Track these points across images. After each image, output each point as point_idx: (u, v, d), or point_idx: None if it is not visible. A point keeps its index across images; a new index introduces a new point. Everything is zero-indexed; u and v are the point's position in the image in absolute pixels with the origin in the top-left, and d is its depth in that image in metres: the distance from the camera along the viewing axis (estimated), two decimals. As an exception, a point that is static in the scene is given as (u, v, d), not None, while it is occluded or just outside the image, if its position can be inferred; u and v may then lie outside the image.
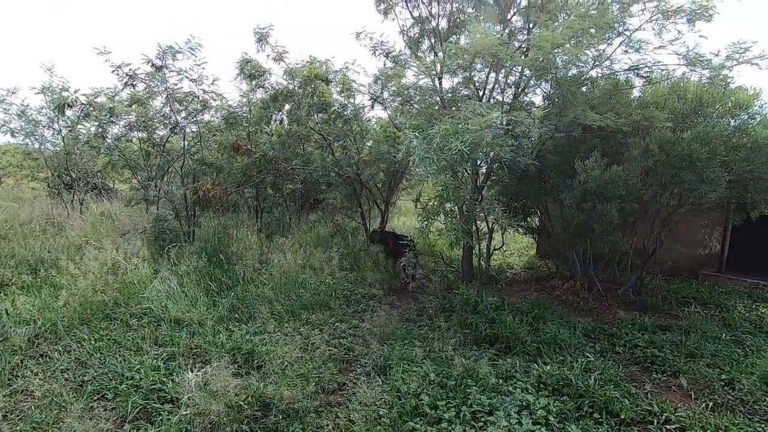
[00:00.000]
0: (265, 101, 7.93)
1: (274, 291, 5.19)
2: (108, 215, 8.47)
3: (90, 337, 3.91)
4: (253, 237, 7.40)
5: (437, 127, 4.14)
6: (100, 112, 7.14)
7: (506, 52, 4.83)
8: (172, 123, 7.08)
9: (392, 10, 6.90)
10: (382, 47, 6.70)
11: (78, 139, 8.42)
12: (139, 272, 4.99)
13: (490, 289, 5.58)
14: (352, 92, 7.67)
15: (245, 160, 7.17)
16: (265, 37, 7.27)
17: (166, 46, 6.04)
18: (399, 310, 5.29)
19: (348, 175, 7.42)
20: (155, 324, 4.24)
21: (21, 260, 5.34)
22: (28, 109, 8.05)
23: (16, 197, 11.14)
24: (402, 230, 9.84)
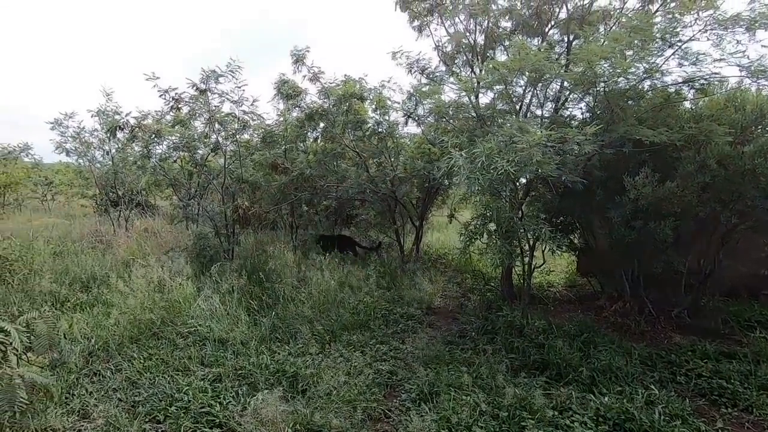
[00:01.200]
0: (301, 120, 8.08)
1: (313, 310, 5.18)
2: (151, 231, 8.79)
3: (139, 355, 3.99)
4: (289, 254, 7.48)
5: (481, 145, 4.06)
6: (147, 134, 7.47)
7: (549, 66, 4.73)
8: (213, 143, 7.32)
9: (427, 27, 6.92)
10: (417, 65, 6.73)
11: (126, 160, 8.82)
12: (183, 290, 5.10)
13: (534, 310, 5.38)
14: (386, 109, 7.71)
15: (283, 179, 7.29)
16: (301, 58, 7.45)
17: (210, 70, 6.27)
18: (440, 331, 5.17)
19: (383, 192, 7.41)
20: (200, 343, 4.29)
21: (75, 278, 5.58)
22: (83, 131, 8.50)
23: (68, 214, 11.80)
24: (436, 246, 9.75)
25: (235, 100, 6.88)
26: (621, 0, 5.80)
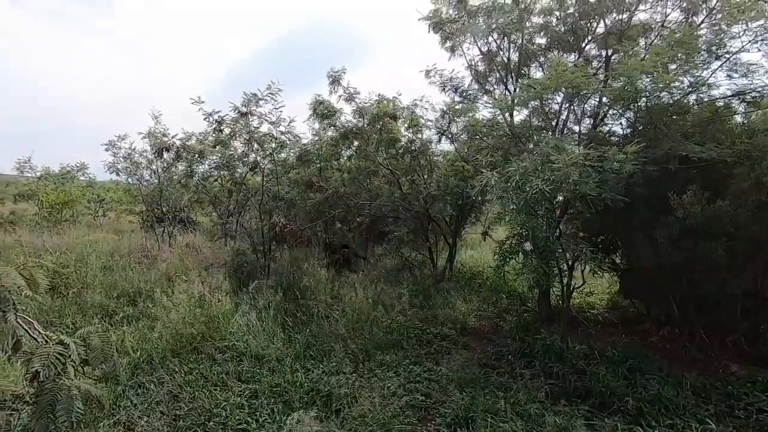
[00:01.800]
0: (336, 139, 8.28)
1: (347, 328, 5.20)
2: (192, 247, 9.15)
3: (180, 369, 4.13)
4: (323, 270, 7.58)
5: (516, 164, 4.01)
6: (191, 154, 7.87)
7: (586, 82, 4.64)
8: (252, 162, 7.60)
9: (459, 46, 6.96)
10: (450, 83, 6.77)
11: (171, 179, 9.29)
12: (222, 306, 5.26)
13: (574, 333, 5.16)
14: (419, 127, 7.77)
15: (318, 197, 7.44)
16: (337, 79, 7.66)
17: (251, 94, 6.56)
18: (475, 353, 5.04)
19: (416, 210, 7.41)
20: (238, 359, 4.39)
21: (122, 291, 5.88)
22: (134, 152, 9.06)
23: (117, 229, 12.48)
24: (469, 264, 9.59)
25: (273, 121, 7.15)
26: (662, 13, 5.62)
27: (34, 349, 2.65)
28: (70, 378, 2.58)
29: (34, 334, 2.78)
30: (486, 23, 6.13)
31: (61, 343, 2.75)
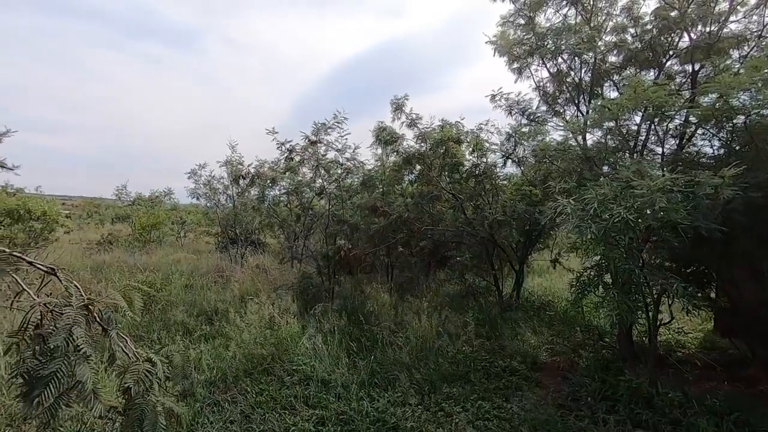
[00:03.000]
0: (398, 164, 8.39)
1: (411, 357, 5.10)
2: (262, 268, 9.61)
3: (252, 389, 4.27)
4: (385, 295, 7.58)
5: (593, 191, 3.78)
6: (263, 180, 8.38)
7: (670, 101, 4.30)
8: (319, 188, 7.91)
9: (527, 68, 6.83)
10: (517, 106, 6.63)
11: (245, 204, 9.94)
12: (290, 328, 5.42)
13: (664, 376, 4.64)
14: (484, 151, 7.65)
15: (382, 221, 7.53)
16: (400, 106, 7.82)
17: (320, 123, 6.90)
18: (548, 391, 4.70)
19: (481, 235, 7.22)
20: (305, 383, 4.46)
21: (201, 310, 6.28)
22: (213, 179, 9.84)
23: (195, 249, 13.50)
24: (538, 293, 9.09)
25: (338, 148, 7.44)
26: (759, 23, 5.12)
27: (127, 364, 2.87)
28: (155, 394, 2.75)
29: (127, 349, 3.03)
30: (555, 44, 5.97)
31: (149, 360, 2.96)
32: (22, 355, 2.14)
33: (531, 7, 6.27)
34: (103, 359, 3.46)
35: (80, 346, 2.09)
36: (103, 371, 3.96)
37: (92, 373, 2.15)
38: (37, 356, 2.15)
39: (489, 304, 7.73)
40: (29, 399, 1.91)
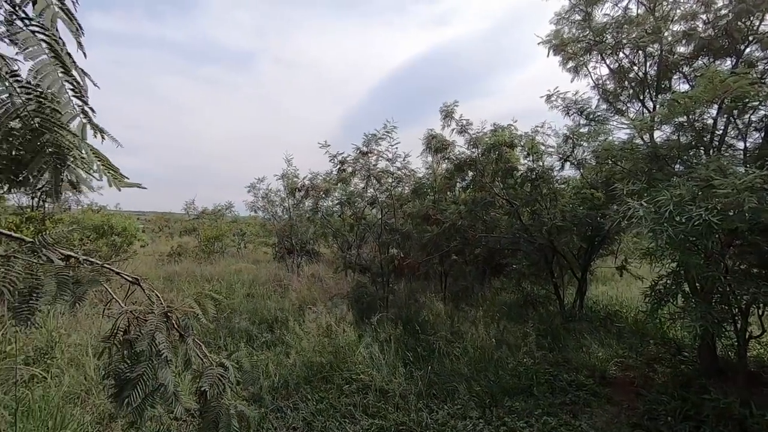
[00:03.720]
0: (450, 171, 8.29)
1: (469, 368, 4.97)
2: (317, 277, 9.86)
3: (312, 397, 4.36)
4: (440, 304, 7.47)
5: (667, 191, 3.49)
6: (318, 192, 8.63)
7: (755, 90, 3.90)
8: (371, 197, 8.01)
9: (584, 66, 6.52)
10: (575, 105, 6.33)
11: (301, 215, 10.29)
12: (347, 337, 5.48)
13: (758, 395, 4.15)
14: (539, 154, 7.37)
15: (435, 229, 7.46)
16: (450, 113, 7.75)
17: (370, 134, 7.00)
18: (621, 408, 4.37)
19: (539, 242, 6.92)
20: (363, 391, 4.48)
21: (262, 318, 6.54)
22: (270, 192, 10.30)
23: (254, 260, 14.14)
24: (603, 302, 8.55)
25: (389, 158, 7.49)
26: None
27: (201, 369, 3.04)
28: (228, 398, 2.88)
29: (201, 355, 3.21)
30: (615, 39, 5.65)
31: (222, 365, 3.10)
32: (112, 359, 2.34)
33: (588, 2, 5.99)
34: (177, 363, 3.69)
35: (162, 351, 2.24)
36: (178, 375, 4.22)
37: (173, 377, 2.30)
38: (125, 360, 2.34)
39: (550, 313, 7.38)
40: (120, 399, 2.07)
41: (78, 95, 1.27)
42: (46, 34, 1.20)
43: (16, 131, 1.21)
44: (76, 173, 1.27)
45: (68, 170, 1.24)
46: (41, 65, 1.18)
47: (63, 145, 1.21)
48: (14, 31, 1.15)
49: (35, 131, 1.18)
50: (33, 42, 1.17)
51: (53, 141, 1.20)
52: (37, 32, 1.18)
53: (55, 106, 1.21)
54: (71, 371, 4.27)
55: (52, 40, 1.21)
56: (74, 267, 2.14)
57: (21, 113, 1.18)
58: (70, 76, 1.24)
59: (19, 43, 1.15)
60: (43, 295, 1.94)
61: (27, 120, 1.19)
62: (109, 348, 2.30)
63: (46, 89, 1.19)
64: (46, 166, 1.22)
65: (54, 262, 2.03)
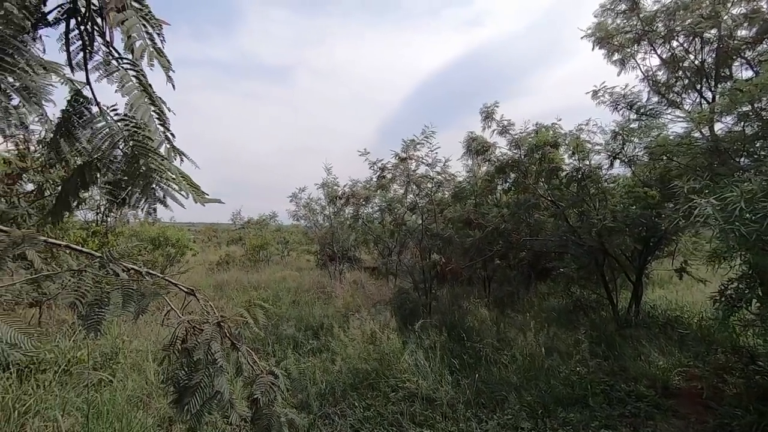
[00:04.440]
0: (491, 173, 8.12)
1: (518, 376, 4.81)
2: (359, 284, 9.93)
3: (359, 404, 4.37)
4: (484, 310, 7.29)
5: (735, 188, 3.23)
6: (358, 200, 8.72)
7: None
8: (411, 203, 7.98)
9: (631, 58, 6.20)
10: (624, 100, 6.02)
11: (342, 223, 10.44)
12: (391, 344, 5.47)
13: None
14: (585, 153, 7.06)
15: (477, 234, 7.32)
16: (490, 114, 7.61)
17: (409, 140, 6.99)
18: (687, 422, 4.06)
19: (589, 244, 6.61)
20: (409, 399, 4.44)
21: (307, 325, 6.66)
22: (311, 201, 10.53)
23: (297, 267, 14.47)
24: (662, 306, 8.01)
25: (429, 163, 7.45)
26: None
27: (252, 376, 3.12)
28: (278, 405, 2.93)
29: (251, 362, 3.30)
30: (667, 26, 5.33)
31: (272, 372, 3.17)
32: (172, 366, 2.46)
33: (634, -9, 5.72)
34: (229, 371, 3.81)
35: (217, 359, 2.32)
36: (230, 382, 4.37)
37: (228, 385, 2.37)
38: (184, 367, 2.45)
39: (602, 319, 7.01)
40: (180, 406, 2.17)
41: (162, 123, 1.40)
42: (136, 69, 1.34)
43: (116, 157, 1.36)
44: (168, 192, 1.38)
45: (161, 190, 1.36)
46: (135, 99, 1.32)
47: (156, 168, 1.34)
48: (111, 71, 1.30)
49: (133, 157, 1.31)
50: (127, 79, 1.31)
51: (147, 164, 1.32)
52: (129, 69, 1.32)
53: (146, 133, 1.35)
54: (134, 376, 4.53)
55: (141, 75, 1.35)
56: (137, 280, 2.27)
57: (120, 142, 1.34)
58: (155, 106, 1.37)
59: (115, 80, 1.29)
60: (110, 307, 2.07)
61: (126, 148, 1.33)
62: (169, 356, 2.42)
63: (139, 119, 1.33)
64: (144, 187, 1.34)
65: (119, 275, 2.17)
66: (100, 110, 1.40)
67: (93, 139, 1.40)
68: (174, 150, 1.50)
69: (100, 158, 1.46)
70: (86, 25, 1.27)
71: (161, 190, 1.36)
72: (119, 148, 1.35)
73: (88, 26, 1.27)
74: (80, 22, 1.26)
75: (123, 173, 1.38)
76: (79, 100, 1.43)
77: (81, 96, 1.43)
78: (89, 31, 1.28)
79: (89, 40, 1.29)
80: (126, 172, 1.36)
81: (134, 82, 1.32)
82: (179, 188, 1.40)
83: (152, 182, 1.34)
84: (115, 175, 1.44)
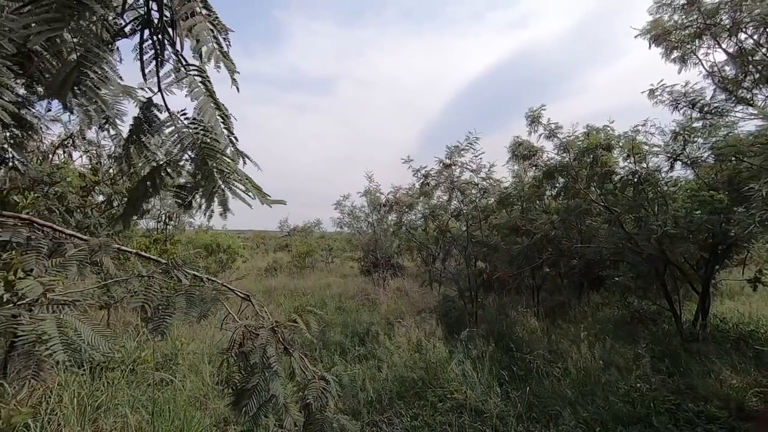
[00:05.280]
0: (538, 178, 7.87)
1: (573, 391, 4.59)
2: (403, 291, 9.91)
3: (406, 413, 4.34)
4: (533, 320, 7.04)
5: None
6: (400, 206, 8.74)
7: None
8: (455, 210, 7.89)
9: (692, 54, 5.82)
10: (685, 98, 5.65)
11: (385, 230, 10.50)
12: (438, 353, 5.40)
13: None
14: (642, 155, 6.67)
15: (525, 241, 7.11)
16: (537, 118, 7.40)
17: (453, 146, 6.94)
18: (770, 449, 3.69)
19: (648, 252, 6.22)
20: (457, 410, 4.36)
21: (353, 331, 6.73)
22: (355, 209, 10.70)
23: (342, 274, 14.69)
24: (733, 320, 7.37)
25: (473, 169, 7.34)
26: None
27: (304, 381, 3.19)
28: (330, 411, 2.97)
29: (304, 367, 3.38)
30: (733, 18, 4.97)
31: (323, 378, 3.22)
32: (230, 369, 2.57)
33: (694, -17, 5.38)
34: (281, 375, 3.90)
35: (272, 364, 2.40)
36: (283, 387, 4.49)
37: (282, 389, 2.44)
38: (241, 371, 2.55)
39: (664, 332, 6.56)
40: (238, 408, 2.26)
41: (226, 126, 1.48)
42: (203, 76, 1.43)
43: (186, 160, 1.44)
44: (236, 193, 1.44)
45: (230, 191, 1.41)
46: (202, 103, 1.40)
47: (224, 169, 1.40)
48: (180, 77, 1.40)
49: (202, 159, 1.38)
50: (195, 84, 1.40)
51: (216, 167, 1.39)
52: (196, 75, 1.41)
53: (214, 136, 1.42)
54: (191, 377, 4.77)
55: (207, 81, 1.43)
56: (199, 286, 2.40)
57: (190, 145, 1.41)
58: (220, 110, 1.44)
59: (184, 85, 1.38)
60: (175, 311, 2.20)
61: (195, 150, 1.40)
62: (227, 359, 2.53)
63: (207, 122, 1.40)
64: (213, 189, 1.40)
65: (182, 281, 2.30)
66: (170, 115, 1.49)
67: (164, 143, 1.50)
68: (238, 152, 1.56)
69: (169, 162, 1.55)
70: (158, 34, 1.36)
71: (230, 192, 1.40)
72: (188, 152, 1.42)
73: (160, 36, 1.36)
74: (153, 32, 1.35)
75: (192, 175, 1.45)
76: (149, 108, 1.54)
77: (151, 104, 1.53)
78: (161, 41, 1.37)
79: (161, 48, 1.38)
80: (195, 174, 1.43)
81: (201, 88, 1.40)
82: (246, 189, 1.45)
83: (220, 183, 1.39)
84: (184, 176, 1.52)
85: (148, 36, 1.37)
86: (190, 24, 1.28)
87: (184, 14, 1.30)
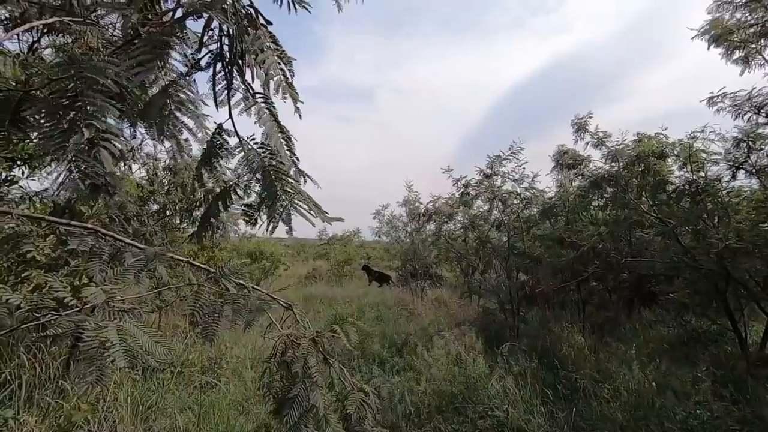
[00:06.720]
0: (584, 188, 7.56)
1: (624, 414, 4.32)
2: (441, 302, 9.79)
3: (445, 428, 4.26)
4: (579, 336, 6.72)
5: None
6: (439, 216, 8.67)
7: None
8: (496, 220, 7.72)
9: (758, 54, 5.43)
10: (749, 103, 5.25)
11: (424, 240, 10.45)
12: (477, 367, 5.27)
13: None
14: (700, 163, 6.25)
15: (570, 253, 6.83)
16: (583, 126, 7.14)
17: (495, 156, 6.81)
18: None
19: (707, 267, 5.79)
20: (498, 429, 4.22)
21: (391, 342, 6.70)
22: (394, 218, 10.73)
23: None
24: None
25: (515, 179, 7.17)
26: None
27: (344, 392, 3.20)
28: (369, 423, 2.96)
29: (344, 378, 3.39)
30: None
31: (362, 389, 3.22)
32: (272, 377, 2.63)
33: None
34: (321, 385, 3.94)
35: (313, 374, 2.43)
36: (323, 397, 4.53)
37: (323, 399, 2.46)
38: (282, 379, 2.61)
39: (728, 355, 6.05)
40: (281, 416, 2.30)
41: (289, 148, 1.59)
42: (268, 103, 1.56)
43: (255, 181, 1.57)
44: (300, 212, 1.53)
45: (295, 210, 1.51)
46: (269, 129, 1.53)
47: (288, 190, 1.50)
48: (249, 105, 1.53)
49: (270, 181, 1.49)
50: (262, 112, 1.53)
51: (282, 188, 1.49)
52: (262, 103, 1.55)
53: (279, 159, 1.53)
54: (234, 381, 4.93)
55: (272, 107, 1.57)
56: (245, 295, 2.48)
57: (258, 168, 1.53)
58: (283, 133, 1.57)
59: (253, 113, 1.52)
60: (223, 319, 2.28)
61: (263, 172, 1.52)
62: (270, 367, 2.59)
63: (273, 146, 1.53)
64: (282, 209, 1.49)
65: (230, 290, 2.39)
66: (239, 141, 1.61)
67: (237, 168, 1.61)
68: (300, 172, 1.66)
69: (238, 183, 1.68)
70: (230, 67, 1.50)
71: (294, 210, 1.49)
72: (256, 174, 1.53)
73: (230, 68, 1.51)
74: (225, 65, 1.50)
75: (259, 196, 1.56)
76: (220, 134, 1.67)
77: (222, 130, 1.67)
78: (232, 73, 1.51)
79: (231, 79, 1.52)
80: (262, 194, 1.53)
81: (267, 114, 1.53)
82: (308, 208, 1.52)
83: (286, 203, 1.48)
84: (254, 196, 1.62)
85: (221, 68, 1.51)
86: (262, 59, 1.42)
87: (256, 50, 1.45)
